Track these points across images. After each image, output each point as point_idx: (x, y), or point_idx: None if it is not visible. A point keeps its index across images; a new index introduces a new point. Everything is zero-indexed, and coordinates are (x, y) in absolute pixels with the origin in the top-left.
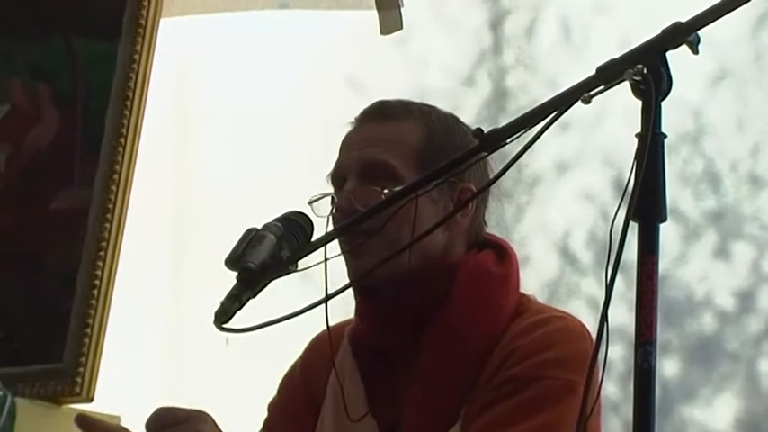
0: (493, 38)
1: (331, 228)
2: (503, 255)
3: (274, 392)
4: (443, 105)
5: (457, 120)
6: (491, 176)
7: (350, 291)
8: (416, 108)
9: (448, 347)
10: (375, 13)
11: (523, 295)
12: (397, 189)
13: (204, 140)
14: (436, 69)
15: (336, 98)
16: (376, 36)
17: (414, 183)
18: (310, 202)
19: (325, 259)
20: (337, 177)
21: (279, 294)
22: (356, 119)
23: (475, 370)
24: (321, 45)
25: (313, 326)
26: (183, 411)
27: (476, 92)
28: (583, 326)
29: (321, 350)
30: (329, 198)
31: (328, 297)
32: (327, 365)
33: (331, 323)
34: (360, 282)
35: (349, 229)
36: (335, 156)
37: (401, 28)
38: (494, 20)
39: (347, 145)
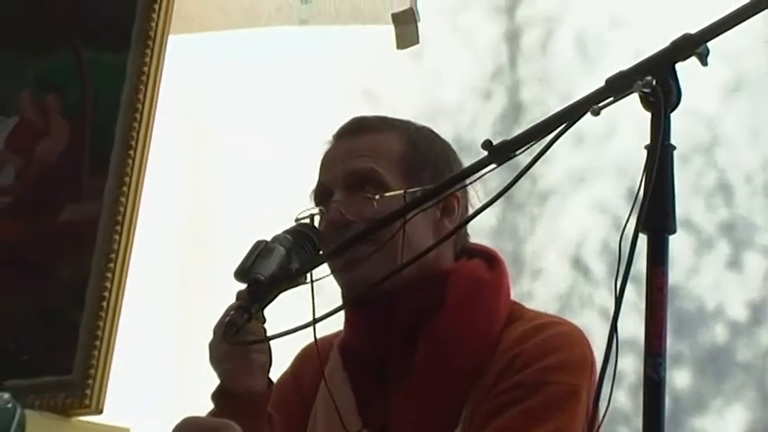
0: (508, 52)
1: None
2: (493, 262)
3: None
4: (459, 118)
5: (433, 131)
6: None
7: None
8: (394, 121)
9: (443, 353)
10: (392, 27)
11: (515, 302)
12: (413, 196)
13: (221, 153)
14: (452, 83)
15: (354, 112)
16: (393, 50)
17: (424, 194)
18: (297, 220)
19: (312, 281)
20: (322, 192)
21: (294, 303)
22: (333, 135)
23: (471, 375)
24: (339, 59)
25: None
26: (211, 422)
27: (491, 105)
28: (580, 331)
29: (310, 361)
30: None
31: (315, 319)
32: (317, 376)
33: (326, 333)
34: (355, 297)
35: (357, 239)
36: None
37: (417, 42)
38: (509, 34)
39: (329, 161)
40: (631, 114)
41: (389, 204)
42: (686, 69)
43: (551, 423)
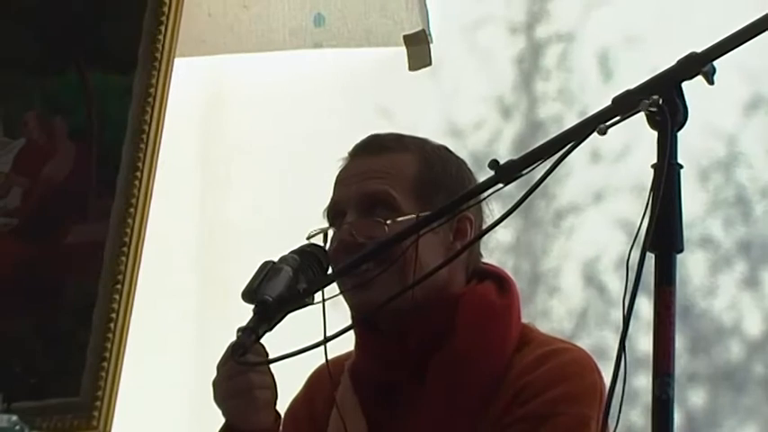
0: (526, 70)
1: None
2: (504, 285)
3: None
4: (477, 137)
5: (449, 150)
6: (487, 205)
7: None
8: (410, 140)
9: (454, 380)
10: (404, 49)
11: (525, 326)
12: (412, 223)
13: (234, 175)
14: (469, 102)
15: (370, 130)
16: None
17: (431, 215)
18: (308, 237)
19: (324, 300)
20: (335, 212)
21: (307, 320)
22: (349, 153)
23: (482, 402)
24: (353, 80)
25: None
26: None
27: (509, 124)
28: (590, 357)
29: (322, 384)
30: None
31: (328, 339)
32: (329, 400)
33: (334, 354)
34: (365, 316)
35: (366, 259)
36: None
37: (430, 64)
38: (526, 52)
39: (343, 179)
40: (647, 131)
41: (401, 229)
42: (704, 86)
43: None
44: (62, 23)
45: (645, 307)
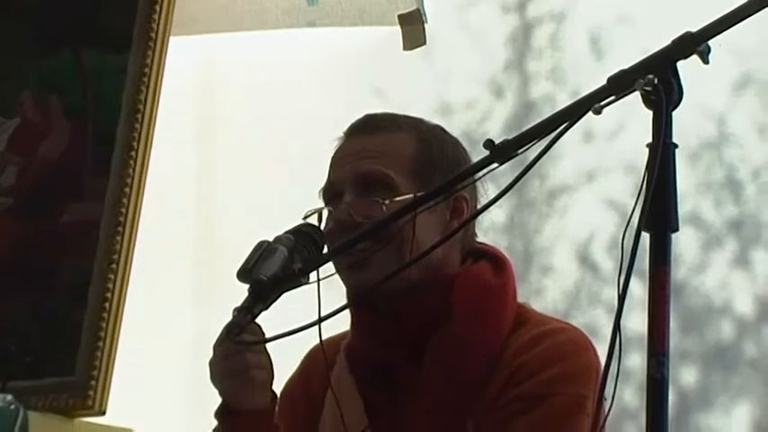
0: (518, 49)
1: (326, 244)
2: (499, 265)
3: None
4: (470, 116)
5: (444, 130)
6: (482, 184)
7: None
8: (405, 120)
9: (450, 360)
10: (398, 28)
11: (521, 305)
12: (408, 201)
13: (228, 154)
14: (462, 81)
15: (363, 110)
16: (401, 49)
17: (425, 194)
18: (305, 217)
19: (318, 279)
20: (331, 192)
21: (303, 300)
22: (344, 133)
23: (478, 383)
24: (347, 59)
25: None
26: None
27: (502, 103)
28: (585, 337)
29: (318, 364)
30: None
31: (323, 318)
32: (324, 379)
33: (330, 333)
34: (361, 296)
35: (361, 238)
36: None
37: (424, 43)
38: (519, 32)
39: (339, 159)
40: (640, 111)
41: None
42: (694, 66)
43: None
44: (58, 3)
45: (636, 286)
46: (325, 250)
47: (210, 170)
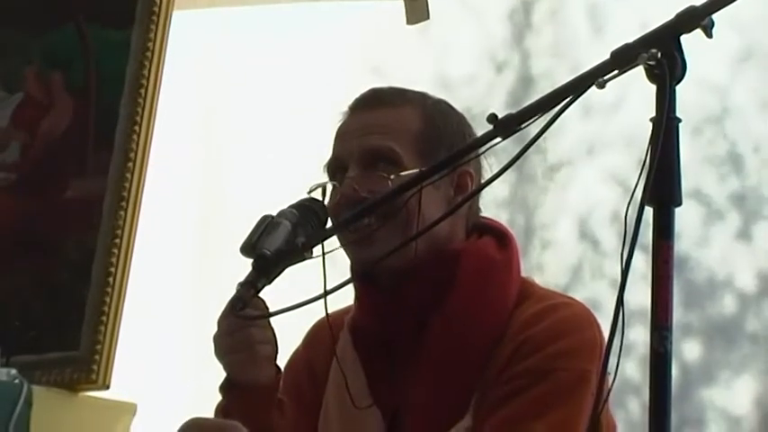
0: (518, 25)
1: (330, 219)
2: (503, 240)
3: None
4: (470, 92)
5: (449, 104)
6: (485, 159)
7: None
8: (411, 94)
9: (454, 335)
10: (401, 3)
11: (525, 280)
12: (411, 176)
13: (229, 130)
14: (462, 57)
15: (363, 88)
16: (401, 24)
17: (428, 169)
18: (309, 191)
19: (323, 253)
20: (336, 166)
21: (305, 275)
22: (350, 107)
23: (482, 357)
24: (347, 35)
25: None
26: (217, 423)
27: (502, 79)
28: (589, 311)
29: (322, 338)
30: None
31: (328, 292)
32: (328, 353)
33: (332, 308)
34: (366, 271)
35: (365, 213)
36: None
37: (428, 18)
38: (519, 7)
39: (344, 133)
40: (640, 84)
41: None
42: (695, 39)
43: (561, 411)
44: None
45: (638, 260)
46: (329, 224)
47: (214, 145)
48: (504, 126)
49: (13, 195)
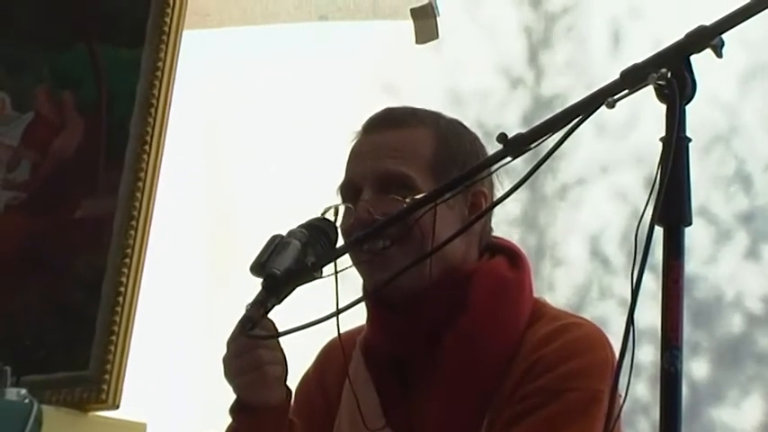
0: (532, 42)
1: (343, 240)
2: (515, 260)
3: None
4: (486, 109)
5: (463, 125)
6: (497, 179)
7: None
8: (425, 115)
9: (467, 355)
10: (411, 22)
11: (537, 300)
12: (423, 195)
13: (239, 149)
14: (474, 75)
15: (374, 106)
16: (413, 43)
17: (439, 188)
18: (322, 213)
19: (336, 272)
20: (350, 188)
21: (315, 295)
22: (363, 127)
23: (495, 377)
24: (358, 54)
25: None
26: None
27: (516, 96)
28: (601, 332)
29: (334, 358)
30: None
31: (340, 311)
32: (341, 373)
33: (343, 328)
34: (380, 293)
35: (378, 232)
36: None
37: (437, 37)
38: (533, 23)
39: (357, 155)
40: (652, 104)
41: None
42: (703, 58)
43: (573, 430)
44: None
45: (648, 279)
46: (339, 244)
47: (224, 164)
48: (514, 146)
49: (24, 214)
